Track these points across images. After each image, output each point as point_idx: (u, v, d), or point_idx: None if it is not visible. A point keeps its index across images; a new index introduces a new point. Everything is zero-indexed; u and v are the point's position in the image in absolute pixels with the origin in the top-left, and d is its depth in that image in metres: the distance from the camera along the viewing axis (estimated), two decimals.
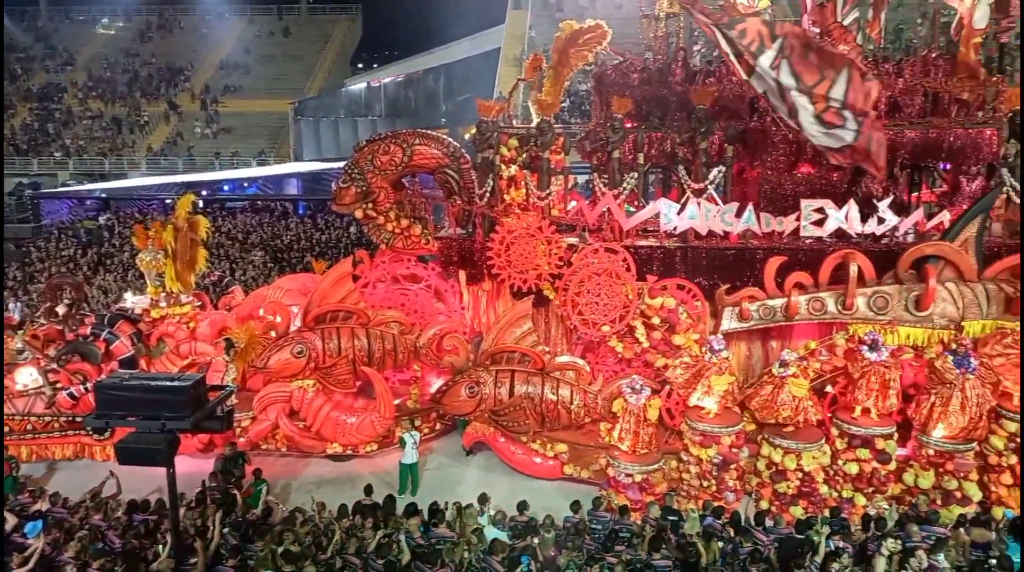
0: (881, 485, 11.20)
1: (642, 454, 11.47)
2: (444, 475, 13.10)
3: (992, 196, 12.23)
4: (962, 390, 10.75)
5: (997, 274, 11.77)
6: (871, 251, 12.27)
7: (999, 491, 10.99)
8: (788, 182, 13.53)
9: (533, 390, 12.52)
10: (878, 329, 11.69)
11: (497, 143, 14.09)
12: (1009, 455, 10.91)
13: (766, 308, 12.24)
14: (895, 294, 11.83)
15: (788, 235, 12.88)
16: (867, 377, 11.18)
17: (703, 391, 11.52)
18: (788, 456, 11.20)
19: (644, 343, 12.76)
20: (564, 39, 15.23)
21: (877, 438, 11.14)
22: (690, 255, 13.16)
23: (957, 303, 11.67)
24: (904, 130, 12.97)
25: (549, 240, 13.18)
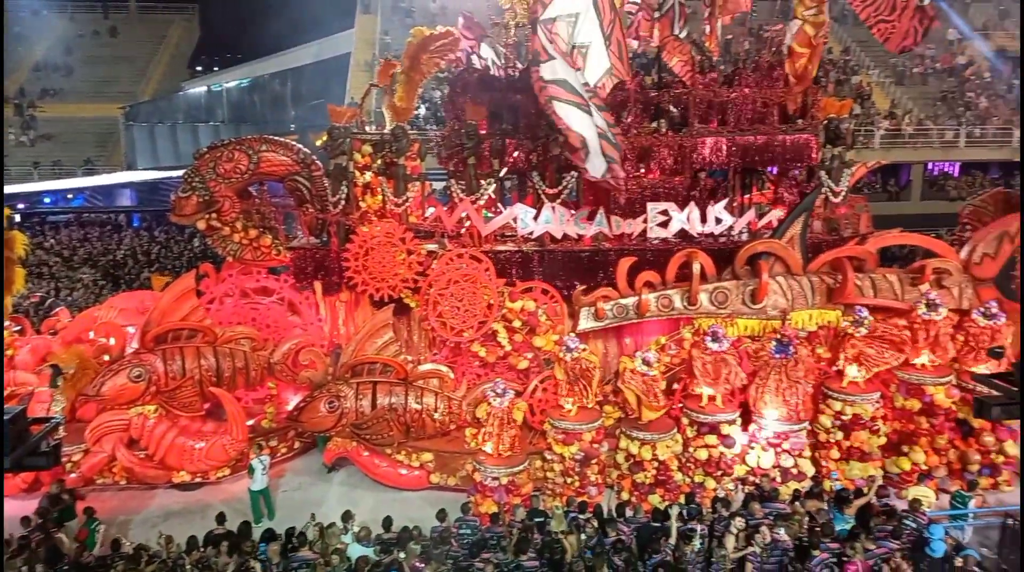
0: (728, 468, 11.95)
1: (507, 456, 11.56)
2: (305, 495, 12.56)
3: (813, 196, 13.43)
4: (782, 374, 11.69)
5: (819, 267, 12.93)
6: (711, 250, 13.09)
7: (828, 465, 12.06)
8: (635, 187, 14.17)
9: (396, 400, 12.29)
10: (720, 322, 12.48)
11: (350, 149, 13.75)
12: (836, 432, 11.99)
13: (620, 306, 12.74)
14: (733, 289, 12.69)
15: (637, 237, 13.49)
16: (705, 366, 11.89)
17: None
18: (644, 447, 11.70)
19: (507, 346, 12.88)
20: (416, 45, 15.14)
21: (722, 424, 11.89)
22: (547, 258, 13.46)
23: (787, 295, 12.71)
24: (735, 136, 13.96)
25: (408, 247, 13.02)
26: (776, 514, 9.98)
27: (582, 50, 12.10)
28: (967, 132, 32.72)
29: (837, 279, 12.67)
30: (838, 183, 14.23)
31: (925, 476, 12.02)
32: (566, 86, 11.69)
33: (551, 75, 11.61)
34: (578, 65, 11.85)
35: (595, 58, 12.16)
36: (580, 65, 11.93)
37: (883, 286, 12.78)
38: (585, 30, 12.04)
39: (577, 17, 11.84)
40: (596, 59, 12.17)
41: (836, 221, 14.41)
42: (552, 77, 11.63)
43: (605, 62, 12.14)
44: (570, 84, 11.70)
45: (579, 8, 11.75)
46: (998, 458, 12.04)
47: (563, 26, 11.69)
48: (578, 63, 11.89)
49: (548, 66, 11.59)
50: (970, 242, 13.48)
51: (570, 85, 11.69)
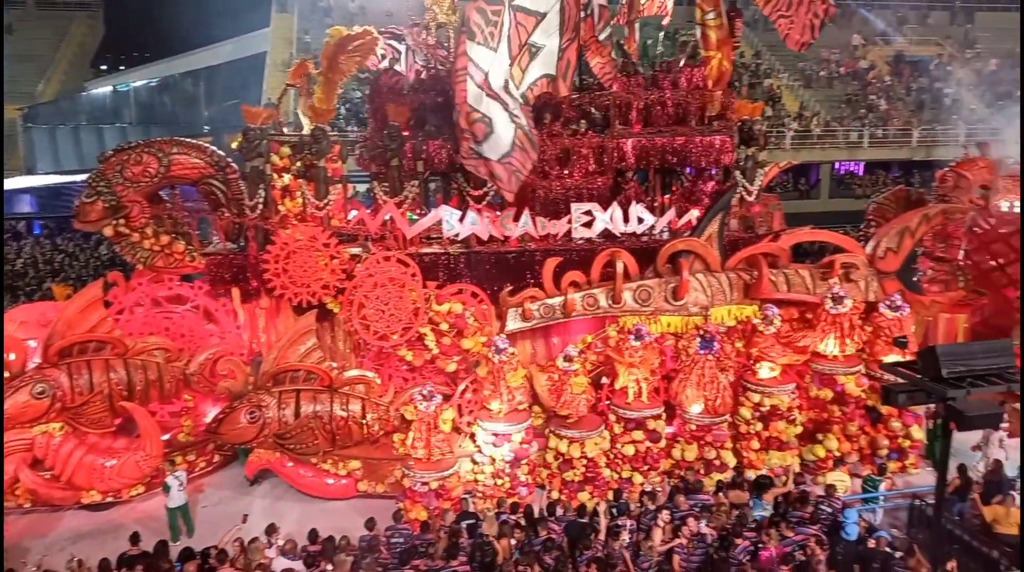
0: (654, 462, 12.19)
1: (437, 460, 11.44)
2: (227, 510, 12.10)
3: (729, 196, 13.83)
4: (701, 369, 12.02)
5: (736, 264, 13.34)
6: (634, 249, 13.32)
7: (749, 456, 12.46)
8: (559, 187, 14.28)
9: (321, 408, 11.98)
10: (643, 319, 12.71)
11: (268, 151, 13.35)
12: (755, 423, 12.39)
13: (546, 307, 12.80)
14: (656, 287, 12.95)
15: (562, 237, 13.60)
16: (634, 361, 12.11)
17: (503, 391, 11.78)
18: (573, 445, 11.80)
19: (434, 349, 12.76)
20: (334, 45, 14.77)
21: (648, 419, 12.11)
22: (474, 260, 13.41)
23: (706, 291, 13.05)
24: (655, 137, 14.25)
25: (331, 251, 12.72)
26: (701, 505, 10.23)
27: (532, 49, 12.19)
28: (870, 133, 34.49)
29: (753, 275, 13.10)
30: (752, 182, 14.75)
31: (839, 462, 12.58)
32: (488, 74, 11.70)
33: (477, 57, 11.60)
34: (522, 62, 11.95)
35: (541, 63, 12.31)
36: (524, 64, 12.04)
37: (796, 281, 13.27)
38: (543, 33, 12.16)
39: (542, 17, 11.94)
40: (542, 64, 12.32)
41: (751, 219, 14.92)
42: (475, 57, 11.62)
43: (549, 70, 12.31)
44: (493, 73, 11.72)
45: (546, 9, 11.86)
46: (905, 442, 12.69)
47: (528, 19, 11.78)
48: (523, 60, 11.98)
49: (480, 49, 11.59)
50: (874, 238, 14.17)
51: (493, 74, 11.72)
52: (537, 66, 12.38)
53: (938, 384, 8.49)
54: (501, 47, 12.02)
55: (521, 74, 12.56)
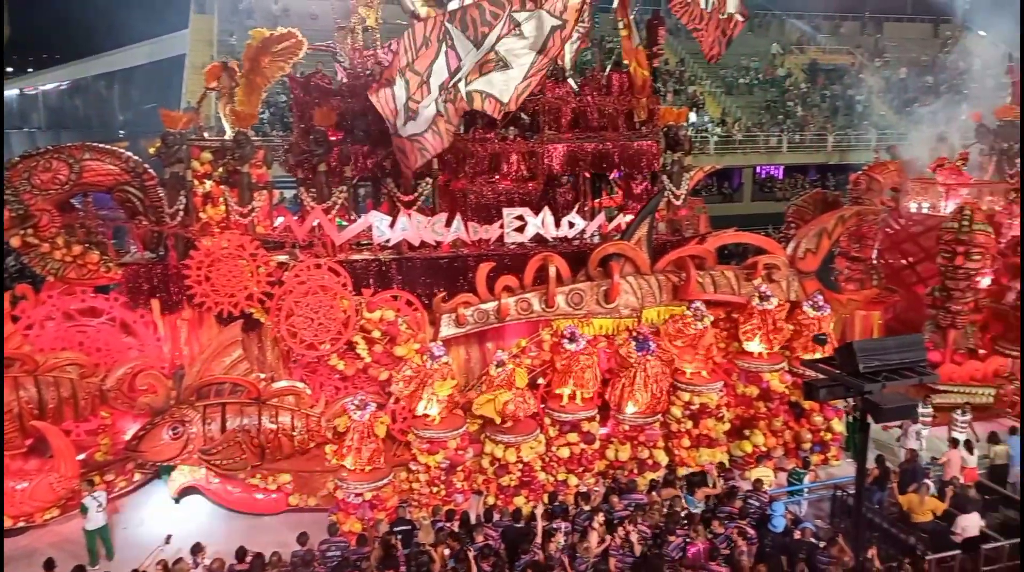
0: (589, 464, 12.30)
1: (370, 471, 11.24)
2: (149, 531, 11.55)
3: (656, 199, 14.10)
4: (644, 370, 12.22)
5: (665, 266, 13.59)
6: (566, 253, 13.43)
7: (680, 453, 12.71)
8: (490, 192, 14.28)
9: (249, 422, 11.62)
10: (576, 323, 12.82)
11: (188, 157, 12.89)
12: (686, 421, 12.65)
13: (480, 312, 12.76)
14: (588, 290, 13.08)
15: (494, 242, 13.61)
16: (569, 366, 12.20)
17: (428, 398, 11.65)
18: (509, 450, 11.79)
19: (366, 358, 12.54)
20: (256, 47, 14.44)
21: (583, 421, 12.21)
22: (405, 266, 13.26)
23: (637, 294, 13.26)
24: (583, 143, 14.41)
25: (256, 259, 12.36)
26: (635, 505, 10.36)
27: (499, 62, 12.28)
28: (788, 138, 35.84)
29: (681, 277, 13.38)
30: (679, 187, 15.10)
31: (765, 457, 12.98)
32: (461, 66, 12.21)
33: (460, 47, 12.16)
34: (486, 68, 12.08)
35: (504, 79, 12.44)
36: (489, 68, 12.16)
37: (722, 282, 13.62)
38: (516, 52, 12.29)
39: (523, 32, 12.05)
40: (503, 81, 12.45)
41: (678, 222, 15.27)
42: (458, 47, 12.19)
43: (506, 90, 12.47)
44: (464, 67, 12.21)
45: (531, 37, 12.29)
46: (827, 436, 13.19)
47: (511, 38, 12.06)
48: (488, 67, 12.09)
49: (465, 41, 12.22)
50: (794, 239, 14.70)
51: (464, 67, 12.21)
52: (498, 79, 12.59)
53: (856, 378, 8.86)
54: (483, 47, 12.28)
55: (478, 77, 12.69)
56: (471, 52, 12.26)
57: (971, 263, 14.34)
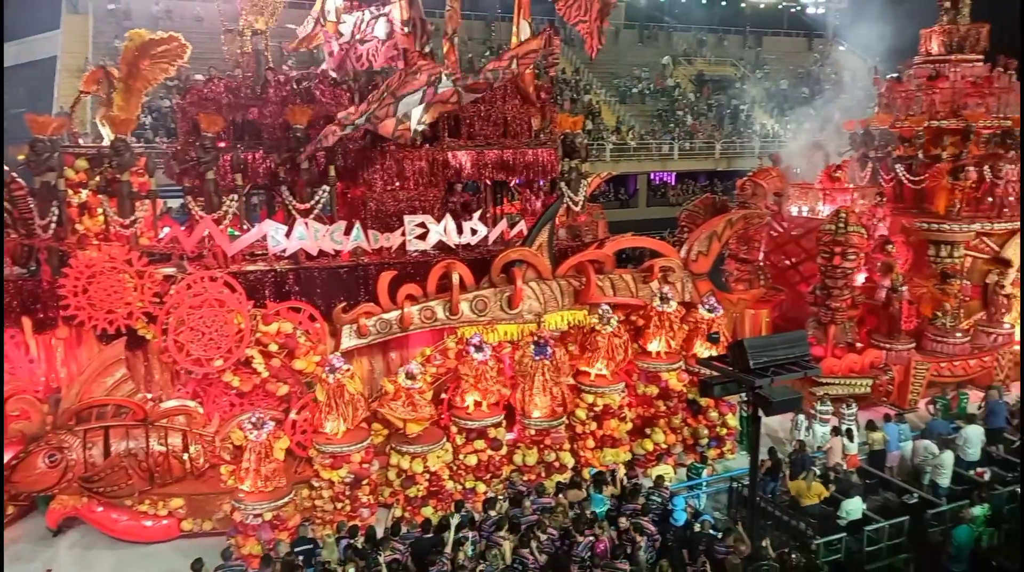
0: (496, 470, 12.30)
1: (270, 490, 10.80)
2: (26, 567, 10.67)
3: (556, 206, 14.29)
4: (541, 375, 12.35)
5: (566, 272, 13.81)
6: (469, 259, 13.41)
7: (586, 455, 12.92)
8: (391, 200, 14.07)
9: (136, 445, 10.95)
10: (481, 329, 12.81)
11: (60, 165, 12.04)
12: (590, 423, 12.88)
13: (383, 322, 12.53)
14: (491, 297, 13.10)
15: (396, 250, 13.41)
16: (475, 373, 12.19)
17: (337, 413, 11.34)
18: (415, 460, 11.63)
19: (263, 373, 12.06)
20: (135, 50, 13.67)
21: (489, 428, 12.21)
22: (303, 276, 12.86)
23: (539, 299, 13.40)
24: (484, 151, 14.45)
25: (140, 272, 11.67)
26: (542, 508, 10.44)
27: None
28: (679, 146, 37.33)
29: (582, 281, 13.63)
30: (577, 193, 15.38)
31: (665, 454, 13.39)
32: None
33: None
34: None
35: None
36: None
37: (621, 285, 13.97)
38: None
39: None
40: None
41: (578, 228, 15.55)
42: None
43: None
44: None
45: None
46: (722, 430, 13.74)
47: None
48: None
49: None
50: (687, 243, 15.27)
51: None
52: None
53: (747, 374, 9.29)
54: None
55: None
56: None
57: (847, 263, 15.32)
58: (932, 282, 16.41)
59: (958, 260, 16.54)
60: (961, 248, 16.52)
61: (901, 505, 11.24)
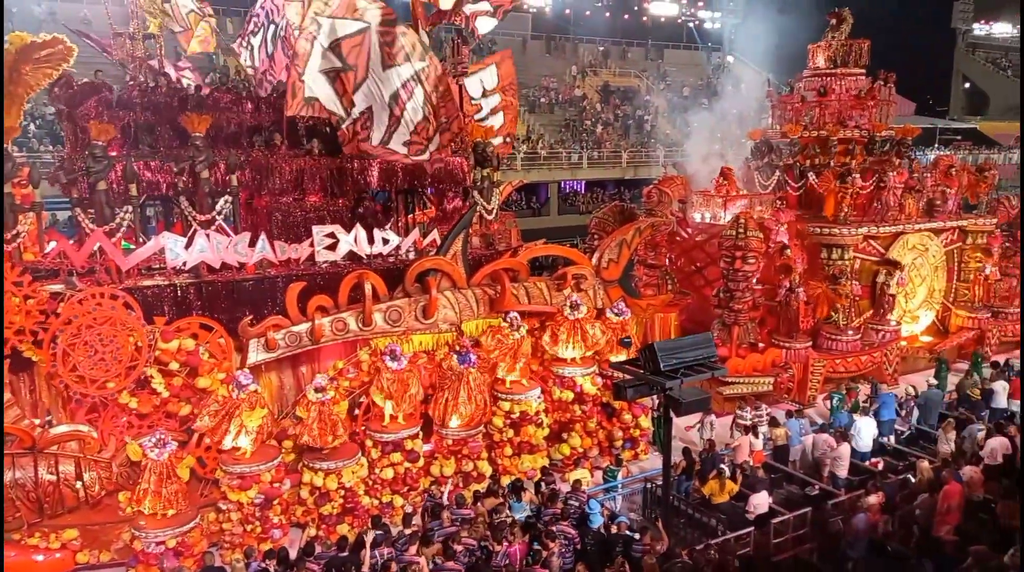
0: (414, 482, 12.12)
1: (173, 515, 10.25)
2: None
3: (469, 214, 14.29)
4: (466, 383, 12.30)
5: (481, 280, 13.80)
6: (381, 269, 13.20)
7: (503, 462, 12.92)
8: (298, 210, 13.71)
9: (22, 475, 10.19)
10: (395, 340, 12.62)
11: None
12: (507, 430, 12.89)
13: (292, 335, 12.15)
14: (406, 306, 12.94)
15: (305, 261, 13.06)
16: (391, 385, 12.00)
17: (236, 431, 10.87)
18: (329, 477, 11.31)
19: (164, 393, 11.45)
20: (14, 54, 12.73)
21: (406, 440, 12.03)
22: (205, 290, 12.32)
23: (455, 308, 13.34)
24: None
25: (23, 290, 10.87)
26: (461, 520, 10.34)
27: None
28: (588, 155, 38.11)
29: (497, 290, 13.66)
30: (490, 202, 15.42)
31: (582, 458, 13.56)
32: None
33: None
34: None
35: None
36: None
37: (535, 293, 14.08)
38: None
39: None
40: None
41: (491, 236, 15.60)
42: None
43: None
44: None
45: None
46: (636, 432, 14.04)
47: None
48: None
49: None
50: (598, 251, 15.57)
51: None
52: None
53: (658, 376, 9.52)
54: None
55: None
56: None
57: (747, 266, 16.00)
58: (825, 283, 17.34)
59: (848, 262, 17.55)
60: (850, 251, 17.54)
61: (804, 497, 11.76)
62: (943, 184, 18.98)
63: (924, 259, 18.86)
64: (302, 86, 12.46)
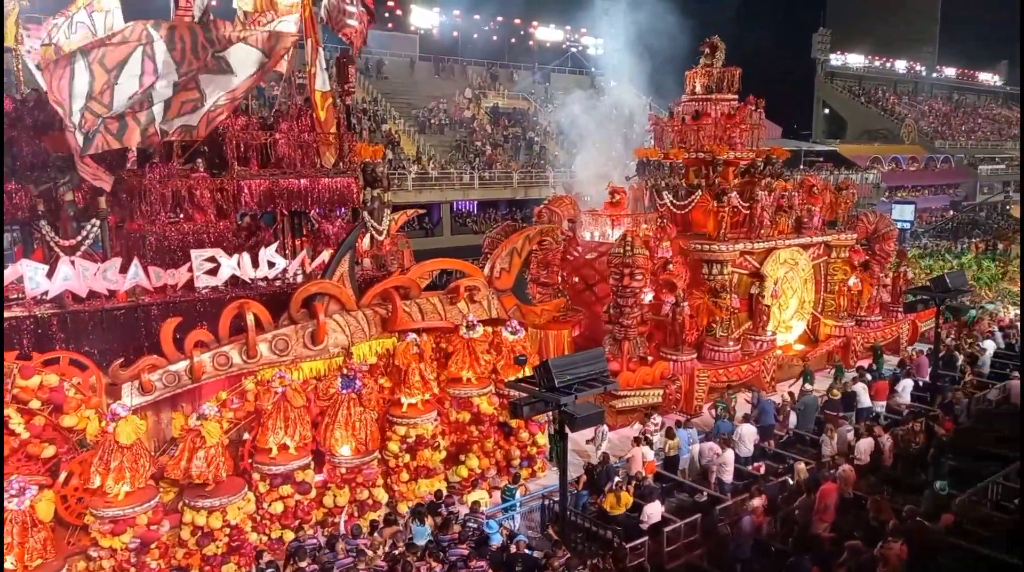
0: (305, 515, 11.65)
1: (36, 567, 9.36)
2: None
3: (354, 234, 13.91)
4: (347, 408, 11.98)
5: (371, 300, 13.50)
6: (267, 295, 12.68)
7: (400, 488, 12.65)
8: (174, 233, 12.98)
9: None
10: (285, 369, 12.12)
11: None
12: (403, 455, 12.63)
13: (170, 375, 11.36)
14: (293, 334, 12.42)
15: (183, 287, 12.36)
16: (278, 412, 11.51)
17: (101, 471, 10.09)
18: (213, 515, 10.69)
19: (23, 434, 10.47)
20: None
21: (296, 471, 11.55)
22: (71, 321, 11.41)
23: (345, 331, 12.97)
24: (279, 179, 13.82)
25: None
26: (357, 550, 10.03)
27: (199, 99, 11.60)
28: (479, 175, 38.41)
29: (388, 309, 13.41)
30: (380, 222, 15.21)
31: (480, 479, 13.48)
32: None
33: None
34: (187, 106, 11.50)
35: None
36: (188, 108, 11.60)
37: (428, 309, 13.89)
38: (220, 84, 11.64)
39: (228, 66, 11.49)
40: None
41: (383, 258, 15.36)
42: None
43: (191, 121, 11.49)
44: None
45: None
46: (532, 449, 14.12)
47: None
48: (187, 105, 11.53)
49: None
50: (489, 261, 15.56)
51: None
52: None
53: (553, 393, 9.63)
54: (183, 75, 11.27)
55: (176, 115, 11.55)
56: (171, 74, 11.10)
57: (635, 282, 16.52)
58: (707, 297, 18.16)
59: (727, 277, 18.47)
60: (729, 266, 18.47)
61: (693, 504, 12.19)
62: (809, 202, 20.37)
63: (795, 272, 20.10)
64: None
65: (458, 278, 15.04)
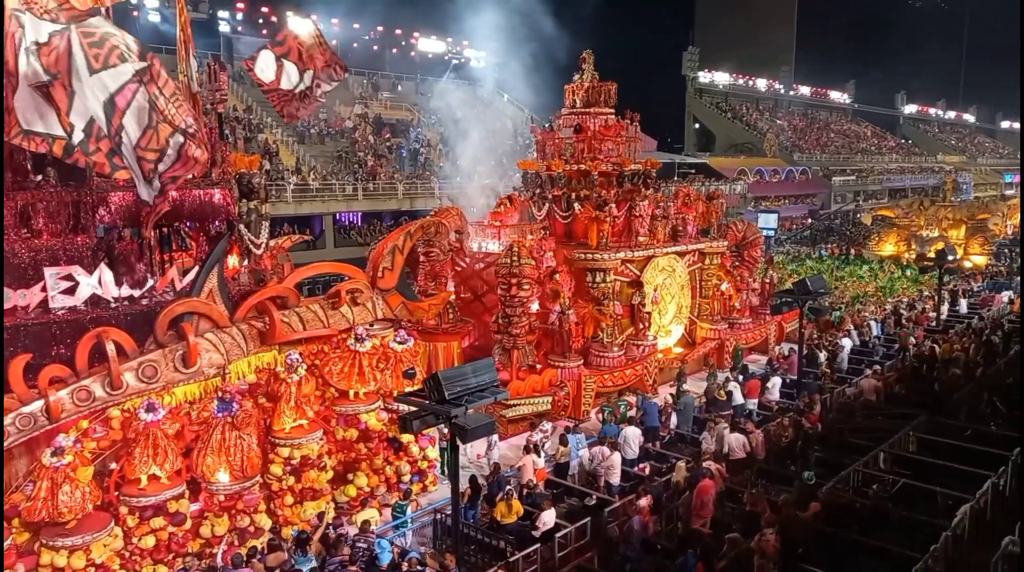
0: (180, 548, 10.92)
1: None
2: None
3: (220, 248, 13.05)
4: (222, 432, 11.34)
5: (246, 315, 12.77)
6: (131, 315, 11.81)
7: (284, 512, 12.09)
8: (24, 250, 11.88)
9: None
10: (156, 396, 11.30)
11: None
12: (288, 478, 12.09)
13: (23, 417, 10.23)
14: (161, 359, 11.52)
15: (36, 309, 11.32)
16: (146, 441, 10.75)
17: None
18: (75, 555, 9.83)
19: None
20: None
21: (169, 501, 10.82)
22: None
23: (220, 349, 12.18)
24: None
25: None
26: None
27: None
28: (363, 186, 37.74)
29: (266, 322, 12.78)
30: (258, 235, 14.55)
31: (369, 497, 13.13)
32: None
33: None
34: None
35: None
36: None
37: (309, 317, 13.24)
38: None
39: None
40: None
41: (262, 272, 14.69)
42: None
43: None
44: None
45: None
46: (423, 464, 13.89)
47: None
48: None
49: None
50: (371, 261, 15.00)
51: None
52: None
53: (443, 405, 9.53)
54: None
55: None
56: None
57: (522, 292, 16.70)
58: (591, 305, 18.63)
59: (610, 284, 19.02)
60: (611, 274, 19.03)
61: (583, 508, 12.40)
62: (683, 212, 21.35)
63: (672, 279, 21.00)
64: (14, 112, 10.48)
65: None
